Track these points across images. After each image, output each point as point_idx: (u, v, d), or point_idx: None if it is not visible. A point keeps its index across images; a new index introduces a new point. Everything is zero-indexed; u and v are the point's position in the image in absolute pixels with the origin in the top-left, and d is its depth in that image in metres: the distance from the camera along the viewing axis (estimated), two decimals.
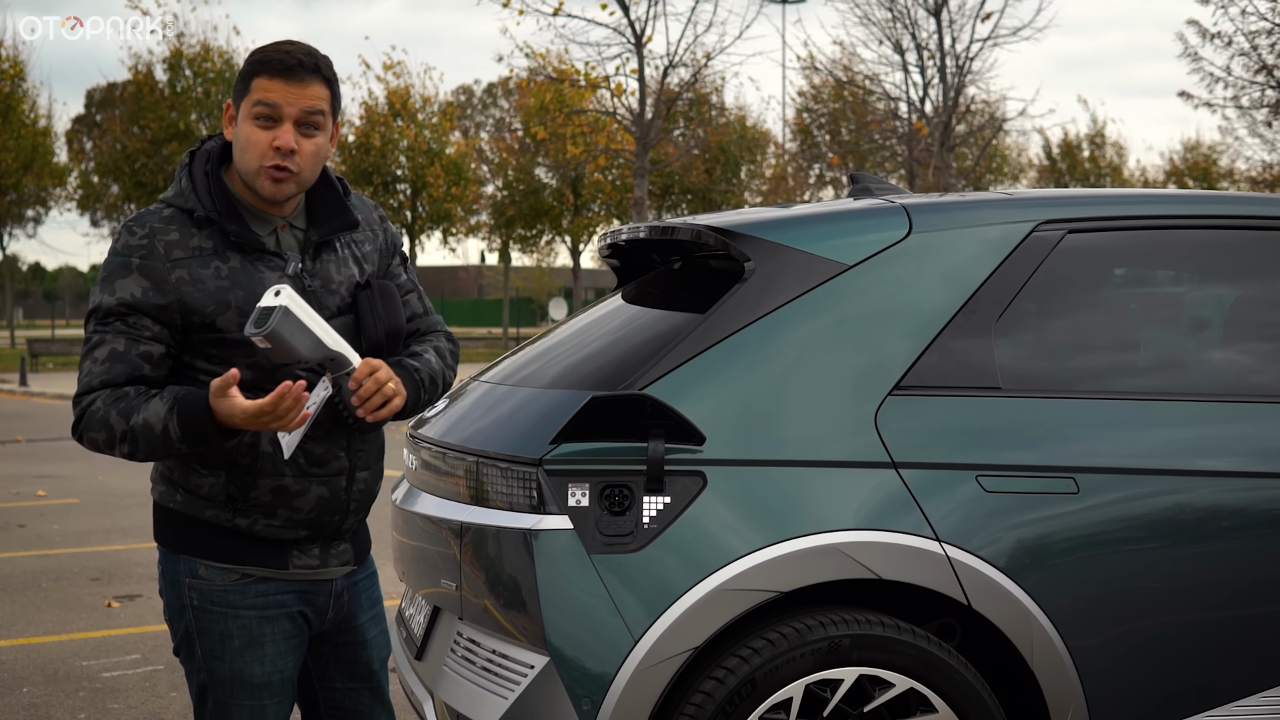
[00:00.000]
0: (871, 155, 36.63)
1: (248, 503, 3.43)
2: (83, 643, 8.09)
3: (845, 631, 3.98)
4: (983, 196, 4.68)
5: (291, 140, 3.36)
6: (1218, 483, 4.24)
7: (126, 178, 45.99)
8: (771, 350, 4.14)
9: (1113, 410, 4.28)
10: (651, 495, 3.96)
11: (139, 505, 13.59)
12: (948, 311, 4.23)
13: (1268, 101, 29.22)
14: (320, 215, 3.54)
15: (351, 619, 3.66)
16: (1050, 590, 4.07)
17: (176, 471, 3.45)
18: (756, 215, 4.58)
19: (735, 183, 51.16)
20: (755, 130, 51.24)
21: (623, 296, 5.10)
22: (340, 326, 3.47)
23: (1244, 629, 4.23)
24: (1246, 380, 4.45)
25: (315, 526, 3.51)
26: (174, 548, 3.50)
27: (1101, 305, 4.57)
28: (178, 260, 3.35)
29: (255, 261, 3.41)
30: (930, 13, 25.57)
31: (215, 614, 3.47)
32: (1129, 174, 56.77)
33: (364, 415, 3.37)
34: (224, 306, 3.35)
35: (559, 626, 3.93)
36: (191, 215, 3.39)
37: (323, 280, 3.49)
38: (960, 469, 4.09)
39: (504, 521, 4.06)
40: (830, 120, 45.10)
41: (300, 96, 3.36)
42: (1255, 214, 4.58)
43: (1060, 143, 56.41)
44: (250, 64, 3.41)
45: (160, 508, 3.54)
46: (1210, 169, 53.15)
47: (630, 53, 26.25)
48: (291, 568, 3.51)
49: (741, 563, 3.94)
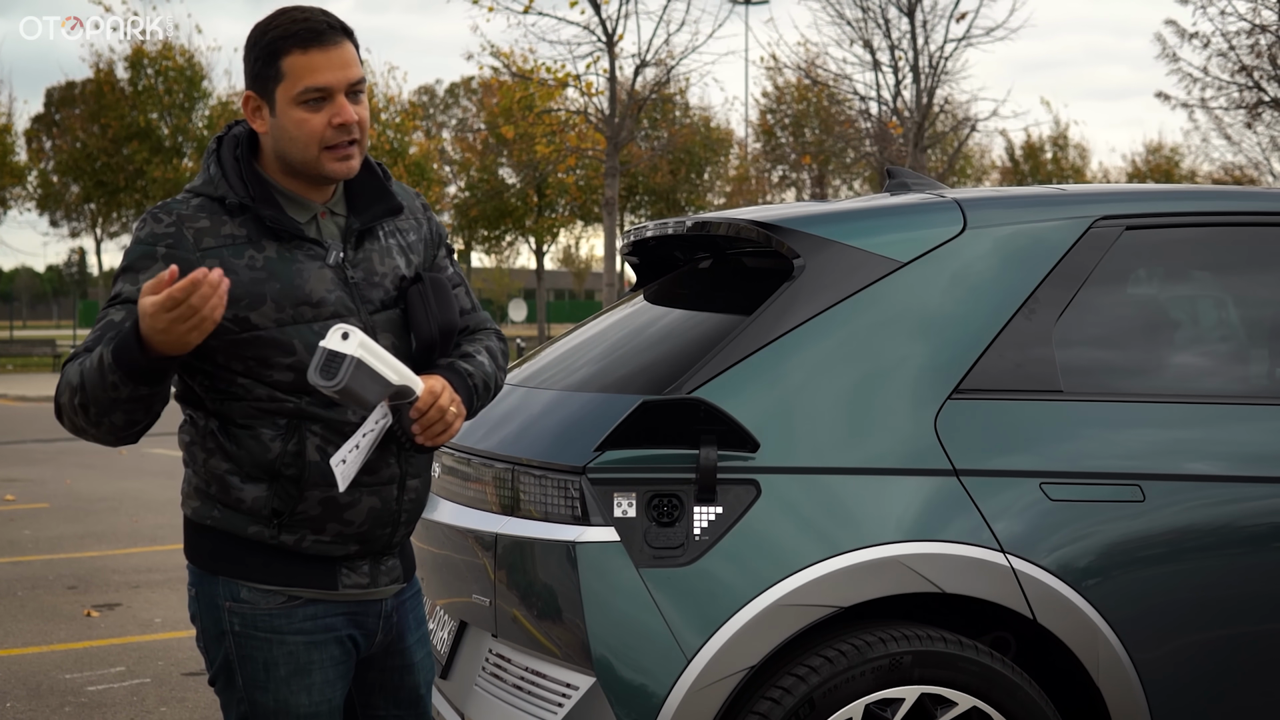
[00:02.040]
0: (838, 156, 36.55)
1: (294, 517, 3.15)
2: (64, 654, 7.83)
3: (906, 648, 3.77)
4: (1036, 191, 4.48)
5: (351, 113, 3.11)
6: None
7: (87, 177, 45.48)
8: (825, 351, 3.93)
9: (1178, 414, 4.10)
10: (703, 505, 3.75)
11: (110, 510, 13.32)
12: (1006, 311, 4.03)
13: (1246, 102, 29.20)
14: (361, 201, 3.27)
15: (400, 640, 3.40)
16: (1115, 602, 3.89)
17: (214, 485, 3.16)
18: (802, 210, 4.37)
19: (699, 184, 51.00)
20: (719, 131, 51.09)
21: (647, 296, 4.88)
22: (385, 321, 3.20)
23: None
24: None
25: (366, 541, 3.24)
26: (211, 568, 3.21)
27: (1163, 304, 4.39)
28: (208, 249, 3.07)
29: (293, 250, 3.14)
30: (904, 12, 25.43)
31: (259, 640, 3.18)
32: (1091, 176, 56.85)
33: (424, 441, 3.14)
34: (259, 300, 3.07)
35: (606, 645, 3.71)
36: (223, 203, 3.12)
37: (365, 272, 3.21)
38: (1024, 476, 3.89)
39: (544, 533, 3.84)
40: (794, 121, 44.98)
41: (341, 63, 3.10)
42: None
43: (1023, 145, 56.43)
44: (272, 40, 3.11)
45: (194, 524, 3.25)
46: (1173, 171, 53.27)
47: (601, 51, 26.04)
48: (341, 588, 3.23)
49: (799, 576, 3.73)
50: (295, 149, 3.13)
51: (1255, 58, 28.17)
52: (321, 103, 3.10)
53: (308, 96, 3.09)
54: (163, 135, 43.49)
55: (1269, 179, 33.15)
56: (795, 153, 43.52)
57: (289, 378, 3.09)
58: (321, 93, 3.09)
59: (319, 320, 3.11)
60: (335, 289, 3.15)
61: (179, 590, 9.44)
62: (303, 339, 3.09)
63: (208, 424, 3.17)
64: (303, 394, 3.10)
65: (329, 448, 3.13)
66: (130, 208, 46.43)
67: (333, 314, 3.13)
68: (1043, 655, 4.03)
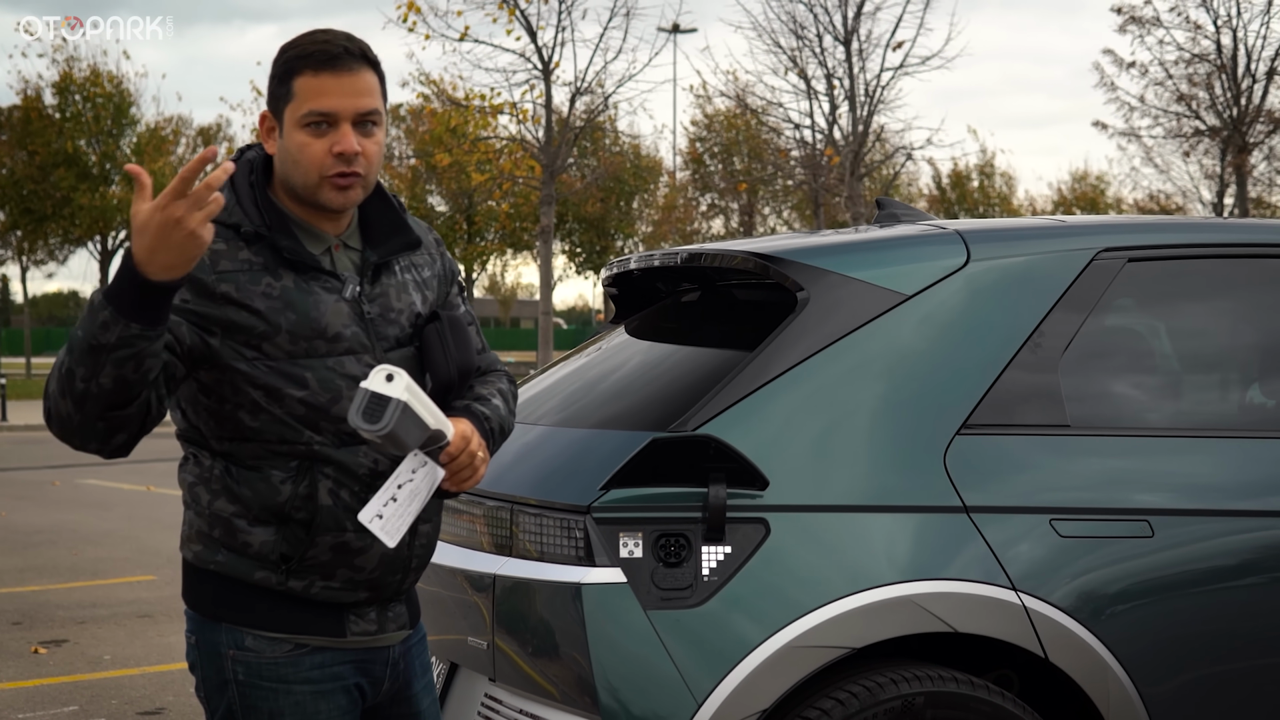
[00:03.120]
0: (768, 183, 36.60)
1: (304, 562, 3.02)
2: (15, 693, 7.63)
3: (919, 689, 3.70)
4: (1037, 223, 4.44)
5: (353, 143, 2.97)
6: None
7: (14, 204, 44.85)
8: (831, 386, 3.86)
9: (1184, 448, 4.06)
10: (711, 545, 3.67)
11: (48, 542, 13.08)
12: (1013, 345, 3.97)
13: (1184, 131, 29.51)
14: (377, 234, 3.15)
15: (407, 688, 3.27)
16: (1125, 637, 3.84)
17: (219, 528, 3.03)
18: (803, 242, 4.30)
19: (628, 212, 51.01)
20: (649, 159, 51.12)
21: (632, 330, 4.79)
22: (400, 360, 3.08)
23: None
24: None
25: (377, 587, 3.12)
26: (214, 615, 3.07)
27: (1167, 337, 4.34)
28: (225, 272, 2.94)
29: (309, 281, 3.01)
30: (840, 40, 25.50)
31: (264, 690, 3.05)
32: (1018, 204, 57.22)
33: (451, 487, 3.03)
34: (274, 329, 2.95)
35: (614, 690, 3.61)
36: (237, 230, 2.98)
37: (381, 307, 3.09)
38: (1034, 512, 3.84)
39: (547, 574, 3.74)
40: (723, 149, 45.04)
41: (352, 90, 2.98)
42: None
43: (950, 173, 56.75)
44: (287, 60, 3.01)
45: (195, 569, 3.10)
46: (1099, 199, 53.74)
47: (537, 79, 25.97)
48: (349, 635, 3.10)
49: (811, 617, 3.65)
50: (297, 173, 3.01)
51: (1192, 87, 28.49)
52: (325, 128, 2.98)
53: (310, 120, 2.98)
54: (90, 162, 43.01)
55: (1197, 207, 33.47)
56: (725, 181, 43.55)
57: (300, 411, 2.97)
58: (325, 117, 2.98)
59: (333, 355, 3.00)
60: (351, 324, 3.04)
61: (126, 626, 9.26)
62: (315, 373, 2.98)
63: (213, 464, 3.04)
64: (313, 431, 2.99)
65: (341, 491, 3.01)
66: (56, 235, 45.87)
67: (347, 350, 3.01)
68: (1046, 691, 3.97)
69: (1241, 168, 28.63)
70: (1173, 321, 4.36)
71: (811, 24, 25.77)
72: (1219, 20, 27.71)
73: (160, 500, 16.43)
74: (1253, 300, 4.40)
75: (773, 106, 27.59)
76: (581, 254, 51.94)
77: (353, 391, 2.97)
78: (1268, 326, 4.40)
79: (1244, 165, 28.53)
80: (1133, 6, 28.36)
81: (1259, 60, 27.50)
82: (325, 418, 2.99)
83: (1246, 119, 27.81)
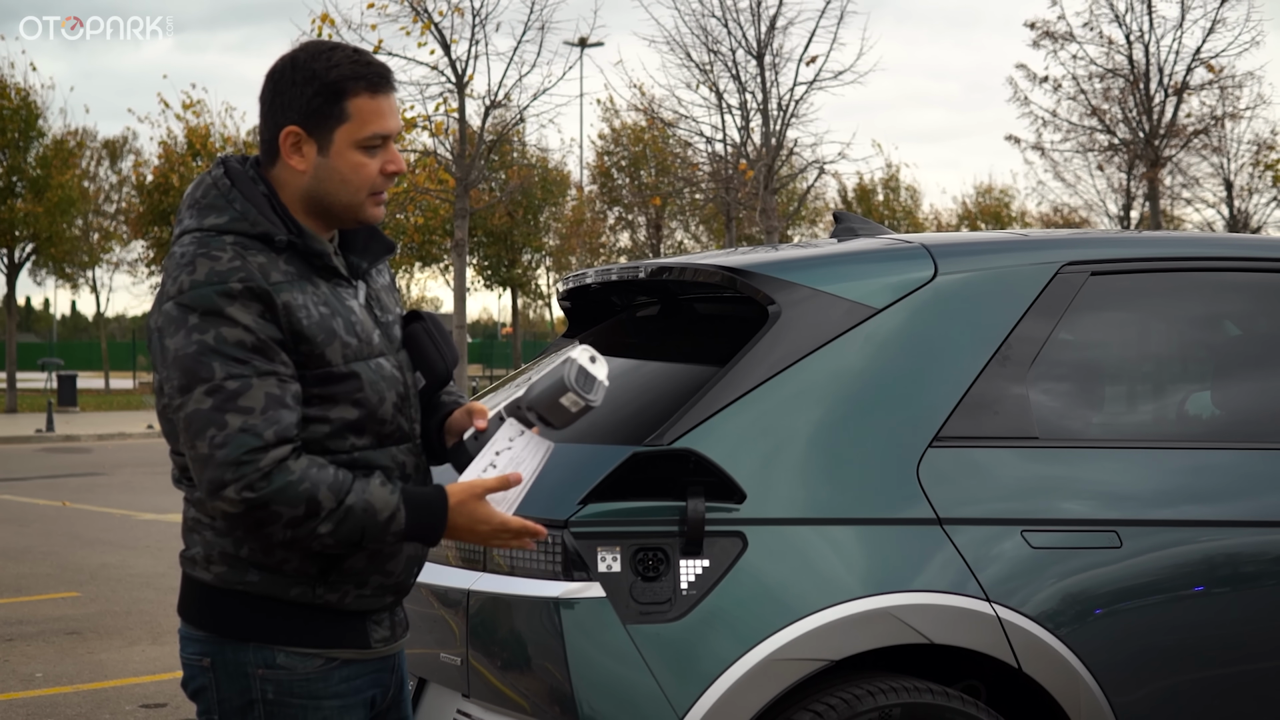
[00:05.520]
0: (676, 197, 36.66)
1: (341, 573, 3.00)
2: None
3: (895, 700, 3.72)
4: (1002, 237, 4.48)
5: (402, 161, 3.04)
6: (1260, 533, 4.08)
7: None
8: (803, 399, 3.88)
9: (1150, 459, 4.11)
10: (689, 559, 3.67)
11: None
12: (981, 357, 4.00)
13: (1097, 145, 29.84)
14: (356, 240, 3.14)
15: (399, 694, 3.26)
16: (1095, 647, 3.89)
17: (247, 547, 2.95)
18: (773, 255, 4.32)
19: (536, 225, 50.89)
20: (557, 172, 51.04)
21: (588, 343, 4.77)
22: (405, 360, 3.14)
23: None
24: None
25: (401, 590, 3.12)
26: (242, 635, 2.99)
27: (1131, 350, 4.40)
28: (278, 284, 2.89)
29: (337, 288, 3.03)
30: (753, 55, 25.56)
31: (294, 707, 3.00)
32: (923, 218, 57.64)
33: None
34: (331, 336, 2.93)
35: (594, 705, 3.61)
36: (265, 240, 2.93)
37: (383, 310, 3.14)
38: (1005, 524, 3.87)
39: (524, 589, 3.72)
40: (631, 163, 45.05)
41: (395, 111, 3.03)
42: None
43: (856, 187, 57.08)
44: (337, 79, 2.95)
45: (219, 590, 3.00)
46: (1002, 212, 54.26)
47: (451, 92, 25.86)
48: (373, 644, 3.09)
49: (790, 630, 3.66)
50: (345, 191, 2.99)
51: (1106, 102, 28.83)
52: (378, 150, 3.00)
53: (373, 142, 2.99)
54: None
55: (1104, 220, 33.87)
56: (632, 195, 43.56)
57: (353, 415, 2.97)
58: (384, 139, 3.01)
59: (372, 358, 3.02)
60: (374, 327, 3.08)
61: (54, 643, 9.13)
62: (366, 376, 2.99)
63: None
64: (358, 435, 2.98)
65: None
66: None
67: (380, 352, 3.05)
68: (1014, 700, 4.00)
69: (1154, 182, 29.01)
70: (1137, 334, 4.41)
71: (725, 38, 25.85)
72: (1131, 35, 28.09)
73: (75, 516, 16.21)
74: (1213, 312, 4.47)
75: (685, 120, 27.62)
76: (489, 267, 51.75)
77: (390, 392, 3.04)
78: (1229, 337, 4.48)
79: (1156, 179, 28.91)
80: (1046, 22, 28.72)
81: (1170, 75, 27.90)
82: (374, 419, 3.01)
83: (1159, 133, 28.19)
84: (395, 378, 3.06)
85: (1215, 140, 31.50)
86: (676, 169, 32.75)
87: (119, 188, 55.80)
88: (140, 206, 44.08)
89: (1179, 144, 28.87)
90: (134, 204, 47.47)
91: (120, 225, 53.85)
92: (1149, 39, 27.93)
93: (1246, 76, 29.22)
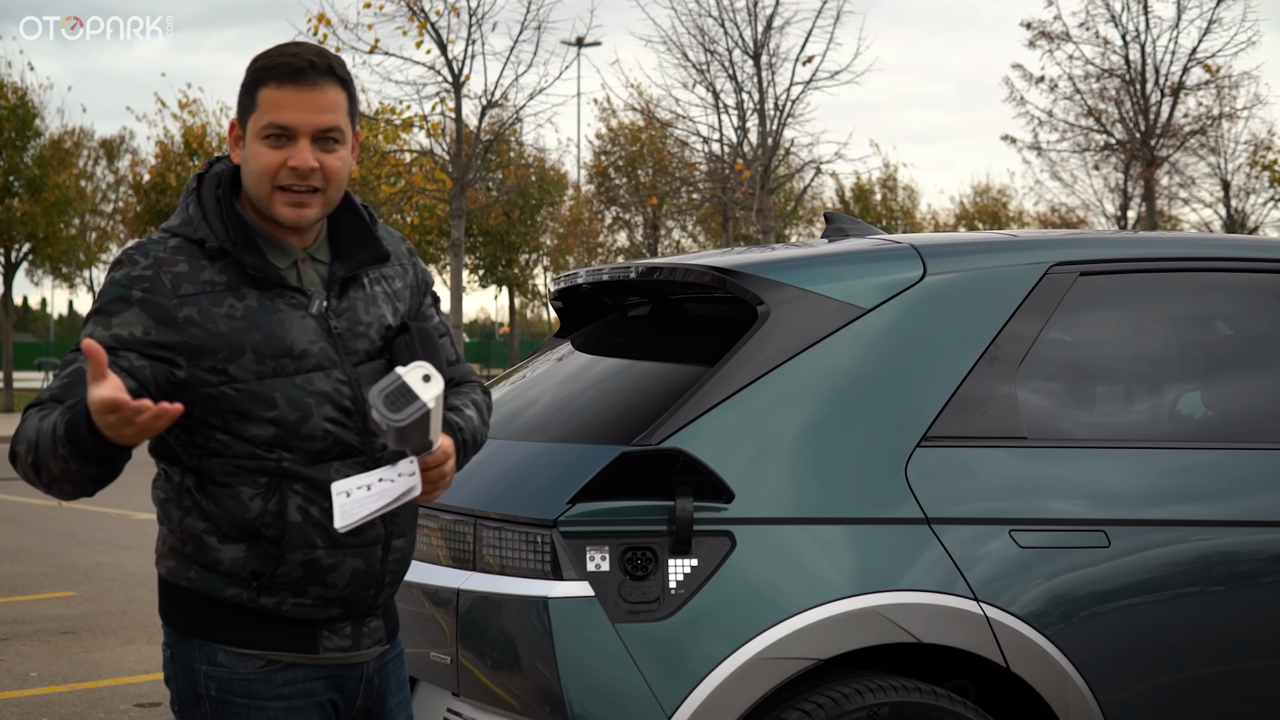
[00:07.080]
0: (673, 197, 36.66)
1: (274, 579, 3.00)
2: None
3: (883, 699, 3.73)
4: (991, 237, 4.50)
5: (309, 158, 2.96)
6: (1249, 533, 4.09)
7: None
8: (792, 399, 3.89)
9: (1139, 459, 4.12)
10: (677, 558, 3.68)
11: None
12: (970, 357, 4.02)
13: (1094, 145, 29.85)
14: (346, 247, 3.13)
15: (381, 704, 3.24)
16: (1083, 646, 3.90)
17: (190, 544, 3.02)
18: (763, 256, 4.34)
19: (533, 225, 50.87)
20: (554, 172, 51.03)
21: (580, 343, 4.80)
22: (370, 373, 3.06)
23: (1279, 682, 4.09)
24: (1276, 426, 4.30)
25: (349, 604, 3.09)
26: (187, 631, 3.06)
27: (1120, 350, 4.40)
28: (186, 296, 2.92)
29: (274, 299, 3.00)
30: (749, 54, 25.59)
31: (237, 706, 3.03)
32: (921, 218, 57.64)
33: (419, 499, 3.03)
34: (238, 351, 2.93)
35: (582, 704, 3.62)
36: (202, 246, 2.97)
37: (349, 321, 3.07)
38: (993, 524, 3.89)
39: (513, 589, 3.74)
40: (628, 163, 45.04)
41: (313, 106, 2.96)
42: (1270, 256, 4.47)
43: (853, 187, 57.08)
44: (254, 71, 3.00)
45: (169, 585, 3.10)
46: (1000, 212, 54.25)
47: (447, 92, 25.85)
48: (323, 651, 3.08)
49: (779, 629, 3.67)
50: (253, 184, 3.01)
51: (1102, 102, 28.86)
52: (283, 141, 2.97)
53: (269, 131, 2.97)
54: None
55: (1101, 220, 33.89)
56: (629, 195, 43.56)
57: (270, 432, 2.96)
58: (283, 130, 2.96)
59: (300, 373, 2.98)
60: (319, 340, 3.01)
61: (49, 642, 9.13)
62: (284, 392, 2.96)
63: (184, 480, 3.03)
64: (284, 450, 2.97)
65: (311, 508, 2.98)
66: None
67: (315, 366, 2.99)
68: (1002, 699, 4.01)
69: (1150, 181, 29.03)
70: (1125, 334, 4.42)
71: (721, 38, 25.88)
72: (1127, 35, 28.11)
73: (70, 515, 16.21)
74: (1203, 312, 4.48)
75: (681, 120, 27.63)
76: (484, 267, 51.73)
77: (322, 408, 2.98)
78: (1218, 337, 4.49)
79: (1152, 179, 28.94)
80: (1042, 22, 28.74)
81: (1167, 75, 27.92)
82: (296, 436, 2.98)
83: (1155, 133, 28.21)
84: (335, 392, 3.00)
85: (1212, 140, 31.51)
86: (673, 169, 32.72)
87: (116, 187, 55.81)
88: (137, 206, 44.01)
89: (1175, 144, 28.89)
90: (131, 203, 47.41)
91: (117, 225, 53.78)
92: (1145, 39, 27.96)
93: (1243, 76, 29.31)
